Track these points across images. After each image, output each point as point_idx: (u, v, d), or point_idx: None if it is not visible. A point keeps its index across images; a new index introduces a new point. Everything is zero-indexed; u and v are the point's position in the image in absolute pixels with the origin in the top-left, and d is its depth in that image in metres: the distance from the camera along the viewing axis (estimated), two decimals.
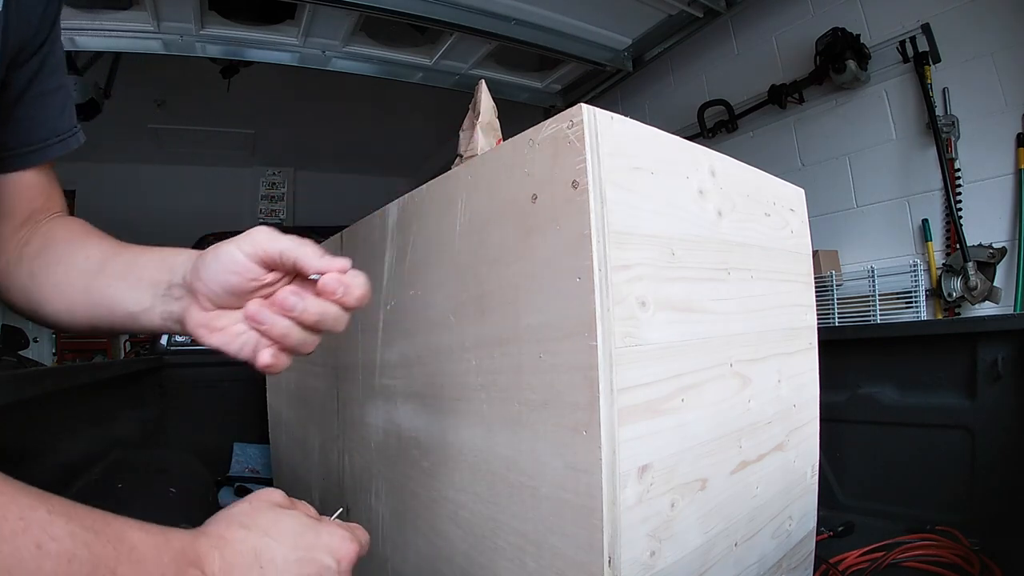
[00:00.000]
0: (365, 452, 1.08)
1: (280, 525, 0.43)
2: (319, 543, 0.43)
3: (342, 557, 0.44)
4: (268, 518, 0.43)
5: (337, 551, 0.44)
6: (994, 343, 1.34)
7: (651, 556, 0.58)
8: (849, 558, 1.22)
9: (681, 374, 0.64)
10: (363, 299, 0.46)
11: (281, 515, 0.44)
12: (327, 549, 0.43)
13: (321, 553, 0.43)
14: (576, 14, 2.62)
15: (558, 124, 0.58)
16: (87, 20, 2.40)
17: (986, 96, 1.91)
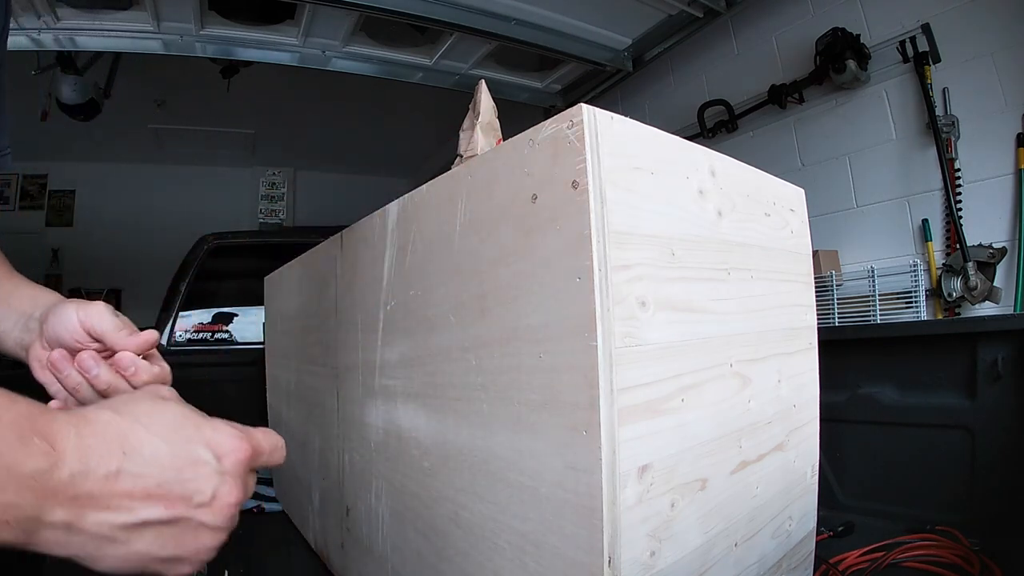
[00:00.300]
0: (365, 452, 1.08)
1: (157, 415, 0.38)
2: (197, 435, 0.38)
3: (225, 454, 0.38)
4: (145, 407, 0.38)
5: (219, 447, 0.38)
6: (994, 343, 1.34)
7: (651, 556, 0.58)
8: (849, 558, 1.22)
9: (681, 374, 0.64)
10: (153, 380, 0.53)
11: (161, 405, 0.39)
12: (207, 443, 0.38)
13: (198, 447, 0.37)
14: (576, 14, 2.62)
15: (558, 124, 0.58)
16: (87, 20, 2.40)
17: (986, 96, 1.91)
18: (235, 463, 0.38)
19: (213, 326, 2.82)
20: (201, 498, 0.36)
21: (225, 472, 0.37)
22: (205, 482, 0.36)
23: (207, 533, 0.37)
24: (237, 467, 0.38)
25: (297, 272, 1.62)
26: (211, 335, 2.79)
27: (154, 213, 4.95)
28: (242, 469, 0.39)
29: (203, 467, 0.37)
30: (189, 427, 0.38)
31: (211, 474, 0.37)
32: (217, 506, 0.37)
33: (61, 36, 2.42)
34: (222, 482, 0.37)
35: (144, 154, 5.00)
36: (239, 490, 0.38)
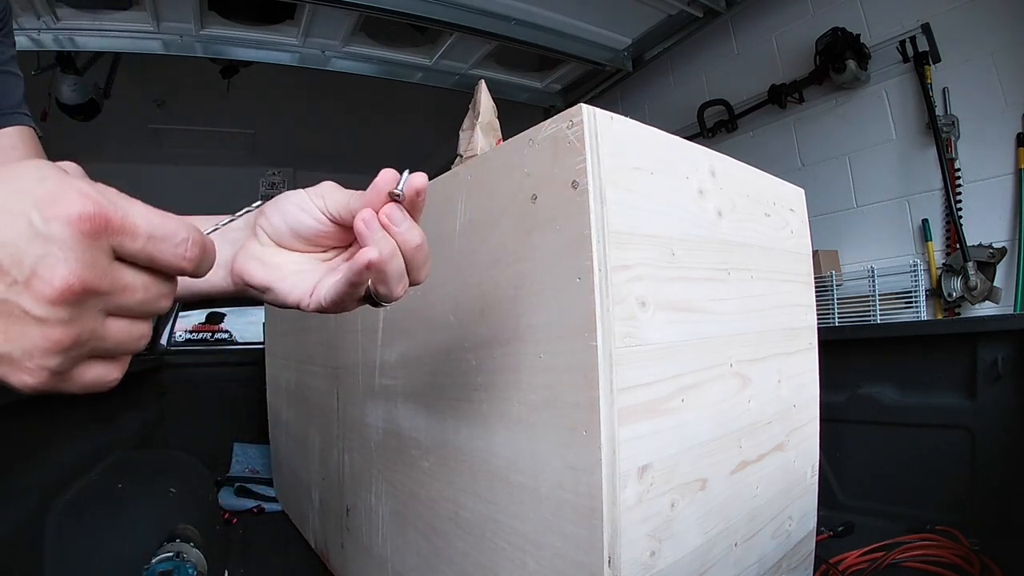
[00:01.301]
0: (365, 452, 1.08)
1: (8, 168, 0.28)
2: (34, 190, 0.26)
3: (56, 214, 0.26)
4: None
5: (53, 202, 0.26)
6: (994, 343, 1.34)
7: (651, 556, 0.58)
8: (849, 558, 1.22)
9: (681, 374, 0.64)
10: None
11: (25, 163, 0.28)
12: (38, 199, 0.26)
13: (26, 202, 0.26)
14: (576, 14, 2.62)
15: (558, 124, 0.58)
16: (87, 20, 2.40)
17: (986, 96, 1.91)
18: (64, 226, 0.26)
19: (212, 326, 2.82)
20: (18, 274, 0.26)
21: (50, 238, 0.26)
22: (22, 250, 0.26)
23: (33, 326, 0.27)
24: (67, 232, 0.26)
25: None
26: (211, 335, 2.79)
27: None
28: (75, 236, 0.26)
29: (23, 228, 0.26)
30: (30, 177, 0.27)
31: (30, 239, 0.26)
32: (36, 287, 0.26)
33: (61, 36, 2.42)
34: (44, 253, 0.26)
35: (144, 154, 5.00)
36: (69, 266, 0.26)
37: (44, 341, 0.27)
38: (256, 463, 2.35)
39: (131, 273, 0.29)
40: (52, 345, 0.27)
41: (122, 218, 0.28)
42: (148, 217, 0.29)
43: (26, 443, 1.17)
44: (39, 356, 0.27)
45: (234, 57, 2.79)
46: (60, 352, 0.27)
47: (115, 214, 0.27)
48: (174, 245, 0.30)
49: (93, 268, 0.27)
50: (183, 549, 1.11)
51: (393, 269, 0.41)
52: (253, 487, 2.09)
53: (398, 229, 0.41)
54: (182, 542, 1.14)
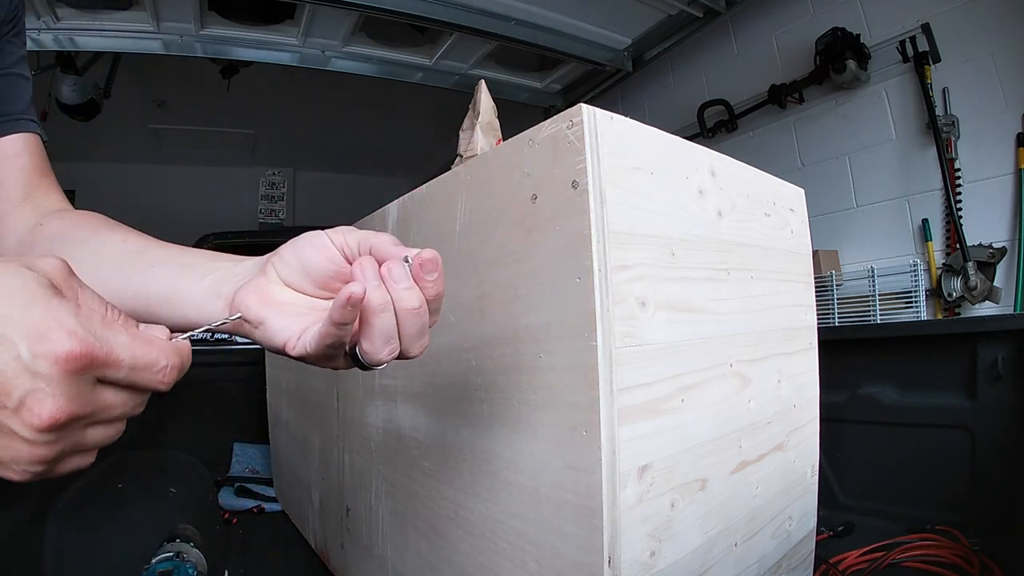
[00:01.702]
0: (365, 452, 1.08)
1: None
2: (22, 316, 0.28)
3: (44, 352, 0.28)
4: None
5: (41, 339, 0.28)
6: (994, 343, 1.34)
7: (651, 556, 0.58)
8: (849, 558, 1.22)
9: (681, 374, 0.64)
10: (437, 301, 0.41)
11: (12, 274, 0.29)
12: (29, 328, 0.28)
13: (15, 332, 0.28)
14: (576, 14, 2.62)
15: (558, 124, 0.58)
16: (87, 20, 2.40)
17: (986, 96, 1.91)
18: (52, 365, 0.28)
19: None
20: (7, 401, 0.28)
21: (38, 374, 0.28)
22: (12, 382, 0.28)
23: (21, 444, 0.29)
24: (54, 370, 0.28)
25: None
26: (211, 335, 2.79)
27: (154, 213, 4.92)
28: (62, 374, 0.28)
29: (11, 361, 0.28)
30: (18, 300, 0.28)
31: (19, 372, 0.28)
32: (25, 418, 0.28)
33: (61, 36, 2.42)
34: (33, 387, 0.28)
35: (144, 154, 5.00)
36: (56, 401, 0.28)
37: (30, 456, 0.30)
38: (256, 463, 2.34)
39: (112, 393, 0.32)
40: (38, 459, 0.30)
41: (106, 354, 0.30)
42: (131, 350, 0.31)
43: None
44: (25, 464, 0.30)
45: (234, 57, 2.79)
46: (44, 463, 0.30)
47: (99, 351, 0.30)
48: (154, 373, 0.32)
49: (78, 399, 0.29)
50: (183, 549, 1.11)
51: (380, 324, 0.39)
52: (253, 487, 2.09)
53: (396, 285, 0.39)
54: (182, 542, 1.14)
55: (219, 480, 2.11)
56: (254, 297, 0.42)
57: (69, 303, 0.30)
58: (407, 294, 0.39)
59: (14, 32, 0.63)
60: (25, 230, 0.58)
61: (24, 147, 0.63)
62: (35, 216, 0.59)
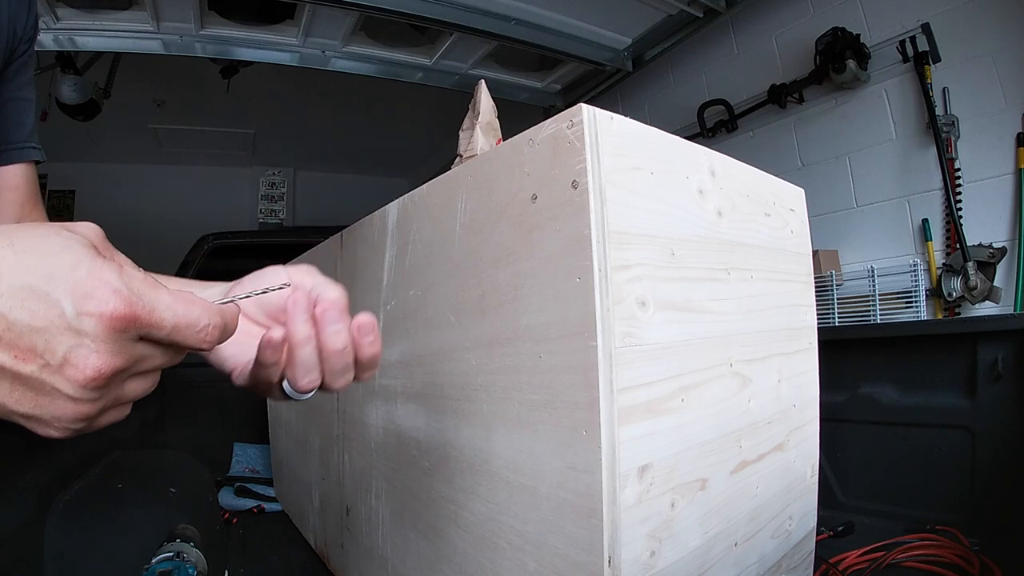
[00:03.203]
0: (365, 452, 1.08)
1: (38, 240, 0.29)
2: (67, 275, 0.28)
3: (89, 310, 0.28)
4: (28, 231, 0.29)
5: (86, 297, 0.28)
6: (994, 343, 1.34)
7: (651, 556, 0.58)
8: (849, 558, 1.22)
9: (681, 374, 0.64)
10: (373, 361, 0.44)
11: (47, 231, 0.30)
12: (74, 286, 0.28)
13: (60, 290, 0.28)
14: (576, 14, 2.62)
15: (558, 124, 0.58)
16: (87, 20, 2.40)
17: (986, 96, 1.91)
18: (96, 322, 0.28)
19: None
20: (51, 358, 0.28)
21: (82, 331, 0.28)
22: (56, 339, 0.28)
23: (64, 401, 0.30)
24: (99, 328, 0.28)
25: None
26: None
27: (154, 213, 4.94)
28: (106, 332, 0.29)
29: (56, 319, 0.28)
30: (64, 260, 0.29)
31: (63, 330, 0.28)
32: (69, 374, 0.29)
33: (61, 36, 2.42)
34: (77, 344, 0.28)
35: (144, 154, 5.00)
36: (101, 358, 0.29)
37: (74, 413, 0.30)
38: (256, 463, 2.34)
39: (154, 349, 0.32)
40: (81, 415, 0.31)
41: (149, 313, 0.30)
42: (173, 309, 0.31)
43: (26, 443, 1.17)
44: (67, 422, 0.31)
45: (234, 57, 2.79)
46: (87, 419, 0.31)
47: (143, 311, 0.30)
48: (196, 332, 0.32)
49: (121, 355, 0.30)
50: (183, 549, 1.11)
51: (301, 357, 0.40)
52: (253, 487, 2.09)
53: (326, 327, 0.41)
54: (182, 542, 1.14)
55: (219, 480, 2.11)
56: None
57: (113, 263, 0.30)
58: (335, 335, 0.41)
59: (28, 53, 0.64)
60: None
61: (23, 179, 0.64)
62: None
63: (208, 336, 0.33)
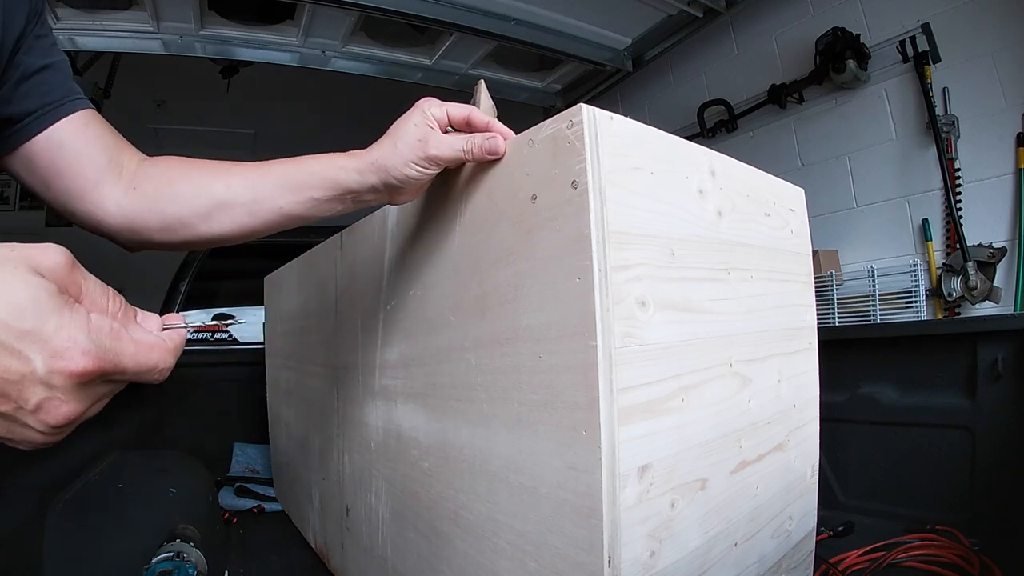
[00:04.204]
0: (365, 452, 1.08)
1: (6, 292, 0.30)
2: (36, 329, 0.31)
3: (59, 368, 0.31)
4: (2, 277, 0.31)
5: (56, 356, 0.31)
6: (994, 343, 1.34)
7: (651, 556, 0.58)
8: (849, 558, 1.22)
9: (681, 374, 0.64)
10: None
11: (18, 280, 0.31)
12: (44, 342, 0.31)
13: (31, 349, 0.31)
14: (576, 14, 2.62)
15: (558, 124, 0.58)
16: (87, 20, 2.40)
17: (986, 96, 1.91)
18: (66, 379, 0.32)
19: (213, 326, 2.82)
20: (24, 404, 0.32)
21: (53, 386, 0.32)
22: (29, 390, 0.31)
23: (34, 433, 0.34)
24: (68, 383, 0.32)
25: (297, 272, 1.62)
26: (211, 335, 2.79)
27: None
28: (74, 386, 0.33)
29: (28, 374, 0.31)
30: (31, 315, 0.31)
31: (35, 383, 0.31)
32: (41, 418, 0.33)
33: (61, 36, 2.42)
34: (48, 396, 0.32)
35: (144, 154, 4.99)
36: (70, 406, 0.33)
37: (42, 440, 0.35)
38: (256, 463, 2.34)
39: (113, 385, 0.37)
40: (47, 442, 0.35)
41: (114, 367, 0.35)
42: (136, 359, 0.36)
43: None
44: (35, 445, 0.35)
45: (234, 57, 2.78)
46: (52, 443, 0.36)
47: (109, 365, 0.34)
48: (152, 375, 0.38)
49: (86, 400, 0.35)
50: (183, 549, 1.11)
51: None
52: (253, 487, 2.09)
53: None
54: (182, 542, 1.14)
55: (219, 480, 2.11)
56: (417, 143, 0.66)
57: (80, 314, 0.33)
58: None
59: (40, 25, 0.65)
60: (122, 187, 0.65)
61: (85, 122, 0.67)
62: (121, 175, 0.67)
63: (161, 376, 0.39)
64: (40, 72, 0.64)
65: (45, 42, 0.65)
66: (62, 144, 0.64)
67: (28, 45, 0.62)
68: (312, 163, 0.68)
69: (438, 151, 0.65)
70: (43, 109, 0.63)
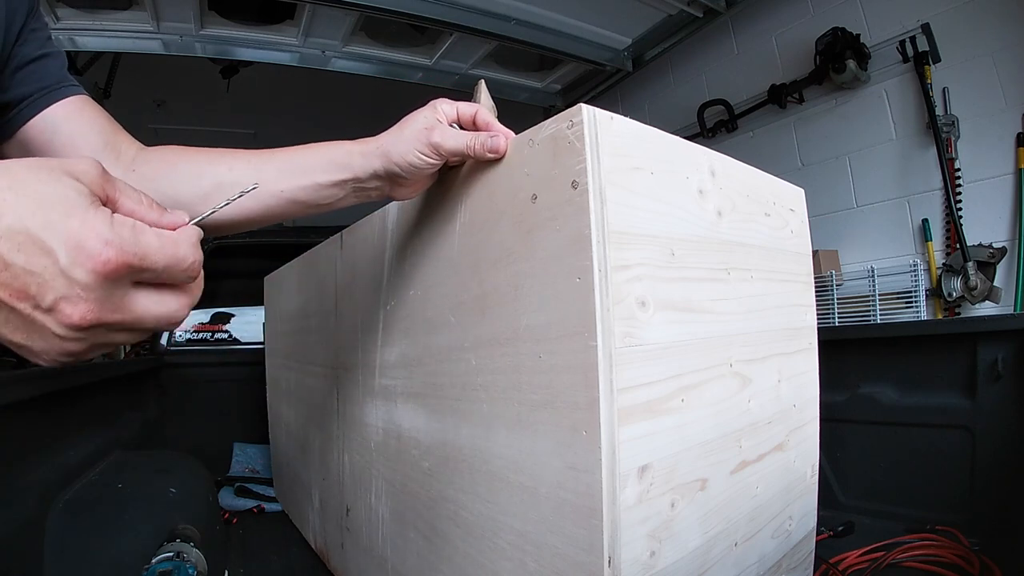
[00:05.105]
0: (365, 452, 1.08)
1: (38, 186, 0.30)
2: (62, 223, 0.30)
3: (81, 260, 0.30)
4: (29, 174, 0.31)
5: (79, 248, 0.30)
6: (994, 343, 1.34)
7: (651, 556, 0.58)
8: (849, 558, 1.22)
9: (681, 374, 0.64)
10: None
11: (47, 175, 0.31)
12: (68, 235, 0.30)
13: (54, 237, 0.30)
14: (576, 14, 2.62)
15: (558, 124, 0.58)
16: (87, 20, 2.40)
17: (986, 96, 1.91)
18: (88, 271, 0.31)
19: (213, 326, 2.82)
20: (42, 301, 0.31)
21: (74, 279, 0.30)
22: (49, 284, 0.30)
23: (53, 338, 0.32)
24: (90, 277, 0.31)
25: (297, 272, 1.62)
26: (211, 335, 2.79)
27: None
28: (98, 280, 0.31)
29: (50, 265, 0.30)
30: (59, 209, 0.30)
31: (55, 276, 0.30)
32: (59, 318, 0.31)
33: (61, 36, 2.42)
34: (68, 290, 0.31)
35: None
36: (88, 306, 0.31)
37: (60, 348, 0.33)
38: (256, 463, 2.35)
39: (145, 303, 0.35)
40: (67, 351, 0.33)
41: (140, 260, 0.33)
42: (163, 251, 0.34)
43: (26, 443, 1.17)
44: (55, 355, 0.33)
45: (234, 57, 2.78)
46: (73, 355, 0.34)
47: (134, 259, 0.32)
48: (183, 270, 0.35)
49: (108, 304, 0.32)
50: (183, 549, 1.11)
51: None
52: (253, 487, 2.09)
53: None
54: (182, 542, 1.14)
55: (219, 480, 2.11)
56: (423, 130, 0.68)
57: (105, 212, 0.32)
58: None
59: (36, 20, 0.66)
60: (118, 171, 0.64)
61: (79, 106, 0.67)
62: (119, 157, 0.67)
63: (193, 271, 0.36)
64: (36, 61, 0.64)
65: (41, 35, 0.66)
66: (57, 127, 0.64)
67: (24, 38, 0.63)
68: (317, 146, 0.69)
69: (442, 140, 0.66)
70: (39, 93, 0.64)
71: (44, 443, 1.26)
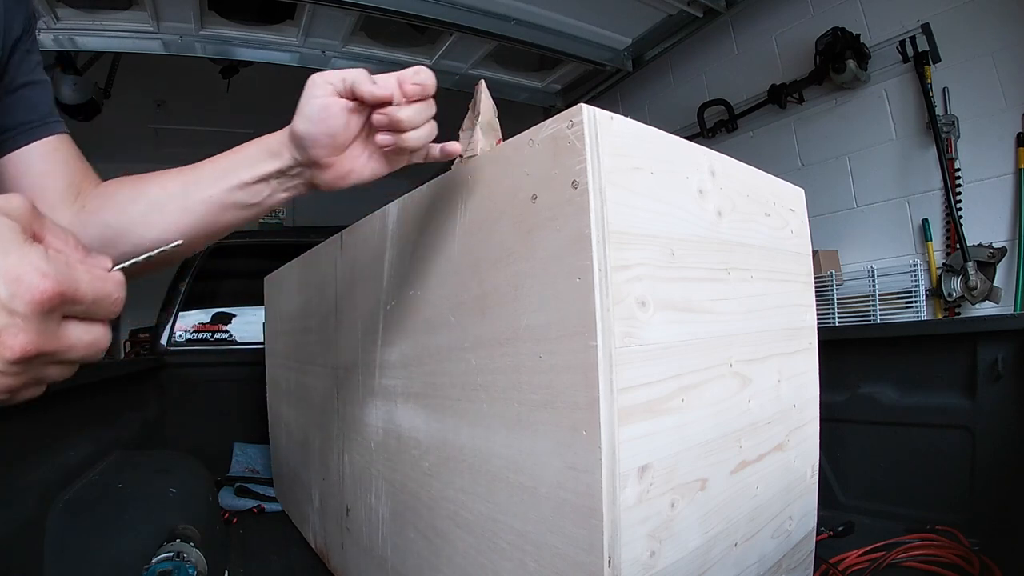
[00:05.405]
0: (365, 452, 1.08)
1: None
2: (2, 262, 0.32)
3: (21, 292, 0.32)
4: None
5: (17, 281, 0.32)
6: (994, 343, 1.34)
7: (651, 556, 0.58)
8: (849, 558, 1.22)
9: (681, 374, 0.64)
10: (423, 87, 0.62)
11: None
12: (5, 274, 0.32)
13: None
14: (576, 14, 2.62)
15: (558, 124, 0.58)
16: (87, 20, 2.40)
17: (986, 96, 1.91)
18: (27, 303, 0.32)
19: (213, 326, 2.82)
20: None
21: (14, 311, 0.32)
22: None
23: None
24: (28, 307, 0.32)
25: (297, 272, 1.62)
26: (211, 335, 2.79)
27: None
28: (36, 311, 0.32)
29: None
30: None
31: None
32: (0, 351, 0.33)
33: (61, 36, 2.42)
34: (10, 323, 0.32)
35: (144, 154, 5.00)
36: (28, 336, 0.33)
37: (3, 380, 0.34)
38: (256, 463, 2.35)
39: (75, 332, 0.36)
40: (4, 387, 0.34)
41: (74, 292, 0.34)
42: (92, 286, 0.36)
43: (26, 443, 1.17)
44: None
45: (234, 57, 2.79)
46: (9, 392, 0.35)
47: (69, 290, 0.34)
48: (109, 304, 0.37)
49: (45, 334, 0.34)
50: (183, 549, 1.11)
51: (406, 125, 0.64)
52: (253, 487, 2.09)
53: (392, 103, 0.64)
54: (182, 542, 1.14)
55: (219, 480, 2.11)
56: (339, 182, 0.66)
57: (40, 247, 0.34)
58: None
59: (31, 41, 0.66)
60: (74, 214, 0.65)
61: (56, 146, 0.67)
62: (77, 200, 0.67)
63: (116, 307, 0.38)
64: (24, 88, 0.65)
65: (32, 59, 0.66)
66: (30, 166, 0.65)
67: (19, 58, 0.63)
68: (242, 146, 0.67)
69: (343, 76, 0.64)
70: (20, 128, 0.64)
71: (44, 443, 1.26)
